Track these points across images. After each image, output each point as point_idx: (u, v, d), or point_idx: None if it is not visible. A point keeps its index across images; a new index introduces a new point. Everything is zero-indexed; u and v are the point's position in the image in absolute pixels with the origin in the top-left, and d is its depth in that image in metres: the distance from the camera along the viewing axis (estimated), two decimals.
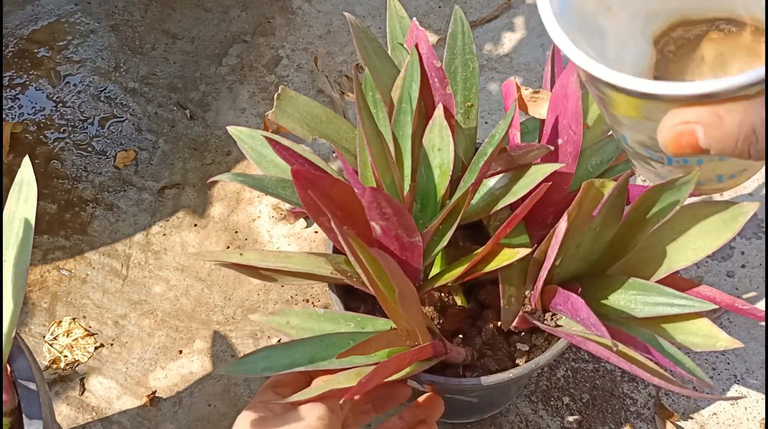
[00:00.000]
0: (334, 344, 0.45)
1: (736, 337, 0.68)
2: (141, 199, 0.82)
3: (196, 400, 0.69)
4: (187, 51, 0.94)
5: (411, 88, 0.46)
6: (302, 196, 0.40)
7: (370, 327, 0.47)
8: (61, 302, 0.75)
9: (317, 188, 0.40)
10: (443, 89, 0.48)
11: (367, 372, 0.39)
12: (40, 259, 0.78)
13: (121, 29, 0.96)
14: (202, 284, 0.76)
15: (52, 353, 0.72)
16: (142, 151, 0.85)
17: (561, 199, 0.47)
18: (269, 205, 0.80)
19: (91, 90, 0.91)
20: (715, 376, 0.67)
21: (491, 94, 0.86)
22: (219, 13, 0.97)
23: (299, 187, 0.39)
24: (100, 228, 0.80)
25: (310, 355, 0.44)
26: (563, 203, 0.46)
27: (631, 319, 0.45)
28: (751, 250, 0.73)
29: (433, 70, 0.48)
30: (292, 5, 0.96)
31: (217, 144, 0.85)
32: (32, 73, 0.92)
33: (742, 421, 0.64)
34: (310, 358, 0.44)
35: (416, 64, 0.46)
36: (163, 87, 0.90)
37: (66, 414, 0.69)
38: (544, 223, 0.49)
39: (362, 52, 0.49)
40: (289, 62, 0.91)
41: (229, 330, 0.73)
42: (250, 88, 0.89)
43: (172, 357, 0.72)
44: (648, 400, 0.66)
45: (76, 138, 0.87)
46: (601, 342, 0.41)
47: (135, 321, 0.74)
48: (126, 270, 0.77)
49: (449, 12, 0.93)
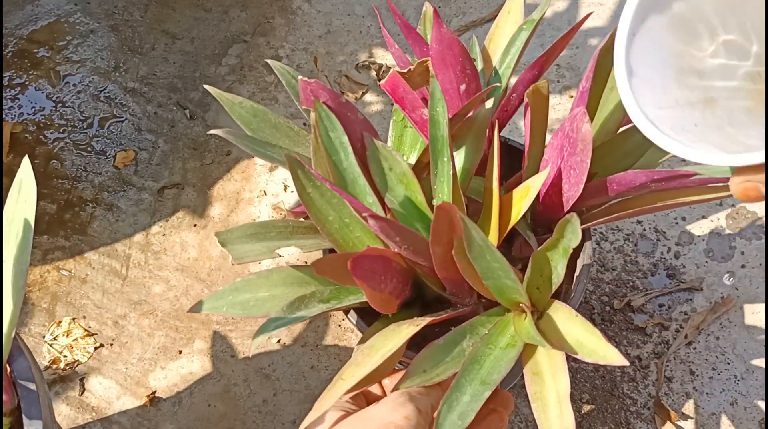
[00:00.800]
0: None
1: (736, 337, 0.68)
2: (141, 199, 0.82)
3: (195, 400, 0.69)
4: (186, 51, 0.94)
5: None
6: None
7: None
8: (61, 302, 0.75)
9: None
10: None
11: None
12: (39, 259, 0.78)
13: (120, 29, 0.96)
14: (202, 284, 0.76)
15: (51, 353, 0.72)
16: (141, 151, 0.85)
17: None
18: (269, 205, 0.80)
19: (90, 90, 0.91)
20: (714, 376, 0.67)
21: None
22: (219, 13, 0.97)
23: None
24: (99, 228, 0.80)
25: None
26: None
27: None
28: (751, 250, 0.73)
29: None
30: (292, 5, 0.96)
31: (216, 144, 0.85)
32: (32, 73, 0.92)
33: (741, 421, 0.64)
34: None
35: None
36: (163, 87, 0.90)
37: (66, 414, 0.69)
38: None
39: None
40: (289, 62, 0.91)
41: (229, 330, 0.73)
42: (250, 88, 0.89)
43: (172, 357, 0.72)
44: (648, 400, 0.66)
45: (75, 138, 0.87)
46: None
47: (135, 321, 0.74)
48: (126, 270, 0.77)
49: (449, 12, 0.93)
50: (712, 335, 0.69)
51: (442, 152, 0.46)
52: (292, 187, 0.81)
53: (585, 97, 0.46)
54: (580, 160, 0.44)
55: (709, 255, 0.73)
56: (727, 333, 0.69)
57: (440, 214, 0.40)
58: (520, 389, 0.67)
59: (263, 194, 0.81)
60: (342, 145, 0.47)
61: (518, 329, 0.43)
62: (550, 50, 0.49)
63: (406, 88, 0.47)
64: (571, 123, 0.44)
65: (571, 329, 0.42)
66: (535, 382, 0.40)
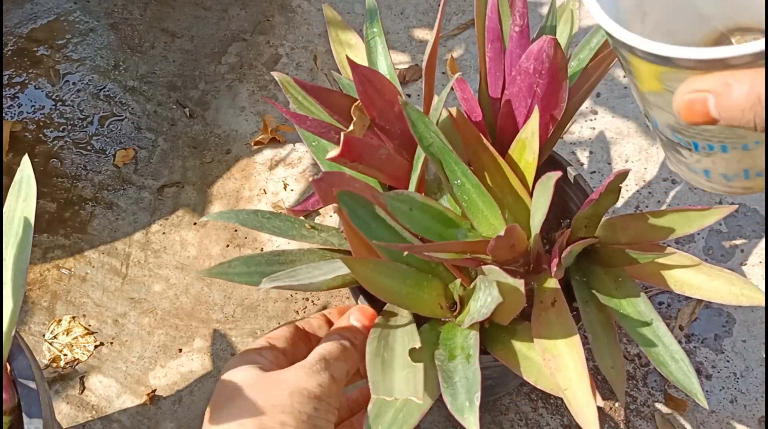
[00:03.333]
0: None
1: (736, 336, 0.68)
2: (140, 197, 0.82)
3: (196, 399, 0.69)
4: (186, 49, 0.93)
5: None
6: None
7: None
8: (61, 301, 0.75)
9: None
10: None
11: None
12: (39, 258, 0.78)
13: (120, 28, 0.96)
14: (202, 283, 0.76)
15: (51, 352, 0.72)
16: (141, 150, 0.85)
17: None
18: (269, 204, 0.80)
19: (90, 88, 0.91)
20: (714, 374, 0.67)
21: None
22: (218, 12, 0.97)
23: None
24: (99, 226, 0.80)
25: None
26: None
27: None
28: (751, 248, 0.73)
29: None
30: (292, 3, 0.96)
31: (216, 142, 0.85)
32: (31, 71, 0.92)
33: (741, 419, 0.65)
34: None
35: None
36: (163, 85, 0.90)
37: (66, 413, 0.69)
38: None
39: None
40: (289, 60, 0.91)
41: (229, 328, 0.73)
42: (250, 86, 0.89)
43: (172, 355, 0.72)
44: (647, 398, 0.66)
45: (75, 136, 0.87)
46: None
47: (135, 319, 0.74)
48: (126, 268, 0.77)
49: (449, 10, 0.93)
50: (711, 334, 0.69)
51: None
52: (292, 185, 0.81)
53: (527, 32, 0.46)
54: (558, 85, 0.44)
55: (709, 253, 0.73)
56: (726, 331, 0.69)
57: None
58: (519, 387, 0.67)
59: (263, 193, 0.81)
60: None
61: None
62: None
63: (360, 149, 0.45)
64: (539, 53, 0.43)
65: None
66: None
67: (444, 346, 0.42)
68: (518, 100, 0.46)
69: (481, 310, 0.39)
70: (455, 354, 0.41)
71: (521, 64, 0.44)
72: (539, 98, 0.44)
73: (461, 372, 0.39)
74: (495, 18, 0.46)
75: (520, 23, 0.45)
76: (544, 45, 0.42)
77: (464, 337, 0.42)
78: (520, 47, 0.45)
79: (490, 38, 0.47)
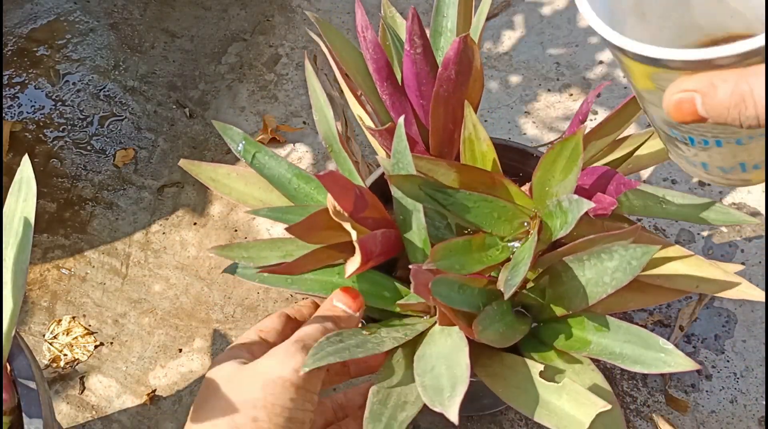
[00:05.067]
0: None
1: (737, 336, 0.68)
2: (140, 197, 0.82)
3: None
4: (186, 49, 0.93)
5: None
6: None
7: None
8: (61, 301, 0.75)
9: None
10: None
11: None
12: (39, 258, 0.78)
13: (120, 28, 0.96)
14: (202, 283, 0.76)
15: (51, 352, 0.72)
16: (141, 150, 0.85)
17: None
18: None
19: (90, 88, 0.91)
20: (714, 374, 0.67)
21: (491, 92, 0.86)
22: (218, 12, 0.97)
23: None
24: (99, 226, 0.80)
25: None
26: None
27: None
28: (751, 248, 0.73)
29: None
30: (291, 4, 0.96)
31: (216, 142, 0.85)
32: (31, 71, 0.92)
33: (741, 419, 0.64)
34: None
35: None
36: (163, 85, 0.90)
37: (66, 413, 0.69)
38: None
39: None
40: (289, 60, 0.91)
41: (229, 328, 0.73)
42: (250, 86, 0.89)
43: (172, 355, 0.72)
44: (647, 398, 0.66)
45: (75, 136, 0.87)
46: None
47: (135, 319, 0.74)
48: (126, 268, 0.77)
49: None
50: (711, 334, 0.69)
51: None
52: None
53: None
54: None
55: (709, 253, 0.73)
56: (726, 331, 0.69)
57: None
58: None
59: None
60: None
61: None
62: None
63: (372, 246, 0.45)
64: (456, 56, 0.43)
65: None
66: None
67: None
68: (444, 107, 0.47)
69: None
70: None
71: (440, 75, 0.45)
72: (464, 93, 0.46)
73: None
74: (382, 59, 0.47)
75: (422, 43, 0.46)
76: (459, 47, 0.43)
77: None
78: (428, 65, 0.46)
79: (382, 78, 0.48)
